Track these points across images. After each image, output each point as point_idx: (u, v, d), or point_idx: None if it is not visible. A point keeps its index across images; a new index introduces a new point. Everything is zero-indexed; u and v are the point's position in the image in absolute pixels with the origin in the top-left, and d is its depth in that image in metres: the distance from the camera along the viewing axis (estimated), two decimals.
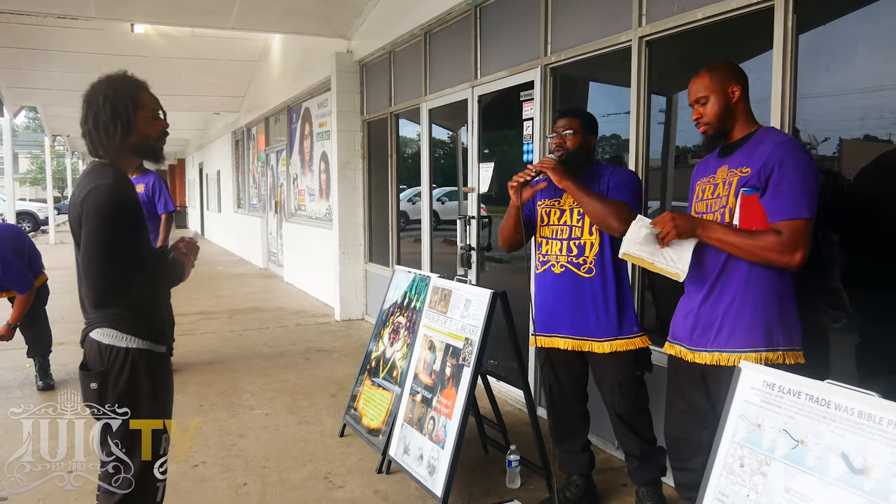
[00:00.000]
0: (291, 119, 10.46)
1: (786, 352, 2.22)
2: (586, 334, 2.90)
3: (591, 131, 3.00)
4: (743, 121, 2.35)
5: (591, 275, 2.87)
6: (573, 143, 2.93)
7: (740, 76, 2.36)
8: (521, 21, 4.65)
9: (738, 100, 2.33)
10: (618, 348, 2.86)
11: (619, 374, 2.89)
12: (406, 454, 3.37)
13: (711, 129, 2.36)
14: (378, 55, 7.15)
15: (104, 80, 2.17)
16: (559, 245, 2.94)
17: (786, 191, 2.16)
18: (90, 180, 2.09)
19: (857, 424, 1.61)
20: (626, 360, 2.88)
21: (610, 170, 2.97)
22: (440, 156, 6.52)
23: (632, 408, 2.92)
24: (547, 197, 3.03)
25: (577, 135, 2.93)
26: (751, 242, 2.19)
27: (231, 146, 15.82)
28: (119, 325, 2.13)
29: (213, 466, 3.70)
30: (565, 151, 2.92)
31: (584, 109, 3.10)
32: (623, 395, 2.90)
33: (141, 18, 8.21)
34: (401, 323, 3.90)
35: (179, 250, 2.31)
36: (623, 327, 2.87)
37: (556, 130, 2.99)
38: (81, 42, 9.41)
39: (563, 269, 2.92)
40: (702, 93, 2.34)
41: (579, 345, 2.92)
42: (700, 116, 2.37)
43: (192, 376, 5.43)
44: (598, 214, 2.76)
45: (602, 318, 2.88)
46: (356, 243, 7.81)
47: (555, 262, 2.95)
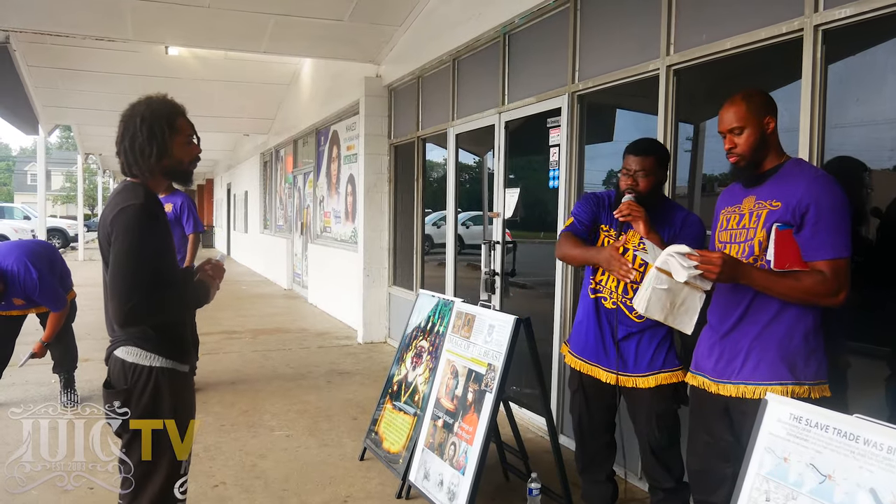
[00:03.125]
0: (319, 142, 10.59)
1: (812, 386, 2.19)
2: (631, 370, 2.87)
3: (664, 168, 2.86)
4: (774, 152, 2.31)
5: (641, 320, 2.83)
6: (645, 185, 2.77)
7: (774, 107, 2.32)
8: (549, 48, 4.68)
9: (772, 131, 2.30)
10: (661, 381, 2.83)
11: (659, 407, 2.86)
12: (426, 479, 3.34)
13: (744, 161, 2.31)
14: (407, 80, 7.24)
15: (144, 102, 2.22)
16: (617, 283, 2.87)
17: (824, 229, 2.13)
18: (121, 199, 2.13)
19: (886, 460, 1.58)
20: (666, 394, 2.85)
21: (682, 215, 2.85)
22: (466, 180, 6.54)
23: (667, 441, 2.88)
24: (613, 227, 2.92)
25: (649, 176, 2.78)
26: (796, 285, 2.16)
27: (259, 167, 16.05)
28: (144, 343, 2.16)
29: (233, 487, 3.71)
30: (637, 194, 2.76)
31: (657, 143, 2.93)
32: (660, 428, 2.86)
33: (176, 41, 8.39)
34: (424, 347, 3.90)
35: (205, 272, 2.32)
36: (666, 360, 2.84)
37: (627, 168, 2.82)
38: (116, 63, 9.63)
39: (615, 307, 2.89)
40: (736, 123, 2.28)
41: (623, 381, 2.88)
42: (733, 146, 2.31)
43: (214, 395, 5.46)
44: None
45: (648, 356, 2.85)
46: (381, 266, 7.84)
47: (608, 295, 2.91)
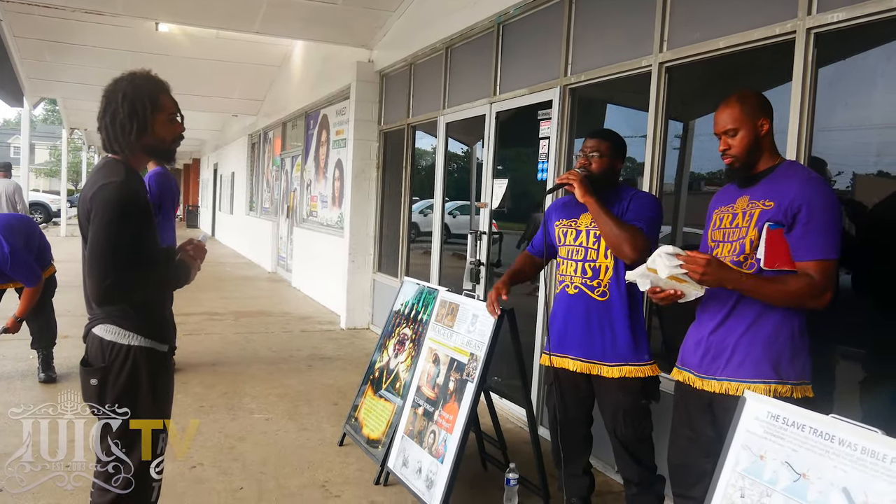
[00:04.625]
0: (309, 125, 10.53)
1: (795, 385, 2.21)
2: (595, 357, 2.86)
3: (619, 156, 2.94)
4: (768, 153, 2.32)
5: (604, 298, 2.84)
6: (598, 165, 2.87)
7: (769, 109, 2.33)
8: (542, 40, 4.67)
9: (766, 133, 2.30)
10: (626, 374, 2.81)
11: (625, 401, 2.84)
12: (405, 467, 3.35)
13: (738, 163, 2.31)
14: (399, 66, 7.20)
15: (126, 77, 2.19)
16: (574, 266, 2.91)
17: (815, 231, 2.15)
18: (101, 176, 2.11)
19: (859, 460, 1.60)
20: (633, 388, 2.83)
21: (632, 192, 2.91)
22: (454, 169, 6.54)
23: (634, 436, 2.86)
24: (564, 217, 3.01)
25: (603, 158, 2.87)
26: (783, 289, 2.17)
27: (247, 149, 15.93)
28: (122, 321, 2.14)
29: (211, 469, 3.70)
30: (589, 173, 2.85)
31: (614, 132, 3.04)
32: (627, 422, 2.85)
33: (167, 18, 8.29)
34: (406, 335, 3.90)
35: (186, 252, 2.30)
36: (634, 353, 2.82)
37: (583, 150, 2.94)
38: (105, 37, 9.49)
39: (577, 291, 2.90)
40: (731, 125, 2.29)
41: (588, 367, 2.88)
42: (727, 148, 2.32)
43: (194, 377, 5.44)
44: (612, 238, 2.72)
45: (612, 343, 2.83)
46: (366, 252, 7.83)
47: (569, 282, 2.92)
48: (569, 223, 2.98)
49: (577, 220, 2.94)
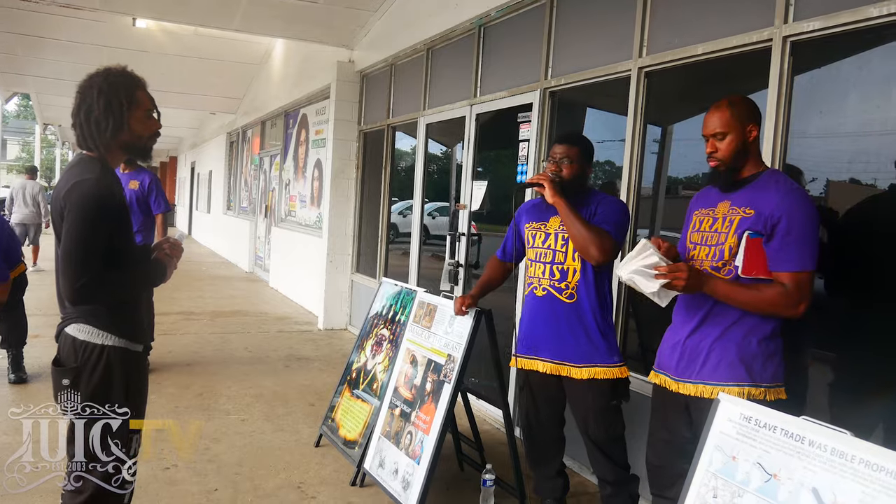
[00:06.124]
0: (288, 124, 10.47)
1: (769, 388, 2.25)
2: (564, 359, 2.88)
3: (588, 161, 2.97)
4: (753, 160, 2.34)
5: (572, 300, 2.86)
6: (569, 171, 2.89)
7: (758, 115, 2.35)
8: (523, 43, 4.69)
9: (754, 140, 2.32)
10: (595, 375, 2.83)
11: (595, 402, 2.86)
12: (381, 468, 3.35)
13: (724, 166, 2.33)
14: (379, 67, 7.19)
15: (102, 73, 2.16)
16: (542, 268, 2.93)
17: (793, 243, 2.18)
18: (76, 173, 2.07)
19: (829, 461, 1.63)
20: (602, 389, 2.85)
21: (600, 197, 2.94)
22: (434, 171, 6.54)
23: (606, 436, 2.89)
24: (534, 220, 3.03)
25: (573, 164, 2.89)
26: (758, 297, 2.21)
27: (225, 147, 15.79)
28: (96, 321, 2.11)
29: (185, 470, 3.66)
30: (561, 179, 2.87)
31: (582, 136, 3.06)
32: (597, 423, 2.87)
33: (145, 13, 8.19)
34: (384, 335, 3.89)
35: (163, 251, 2.28)
36: (603, 355, 2.84)
37: (552, 155, 2.95)
38: (80, 32, 9.34)
39: (545, 293, 2.92)
40: (720, 128, 2.31)
41: (557, 369, 2.90)
42: (714, 151, 2.33)
43: (169, 377, 5.37)
44: (579, 239, 2.75)
45: (581, 344, 2.85)
46: (344, 253, 7.80)
47: (537, 285, 2.94)
48: (538, 226, 3.00)
49: (546, 224, 2.96)
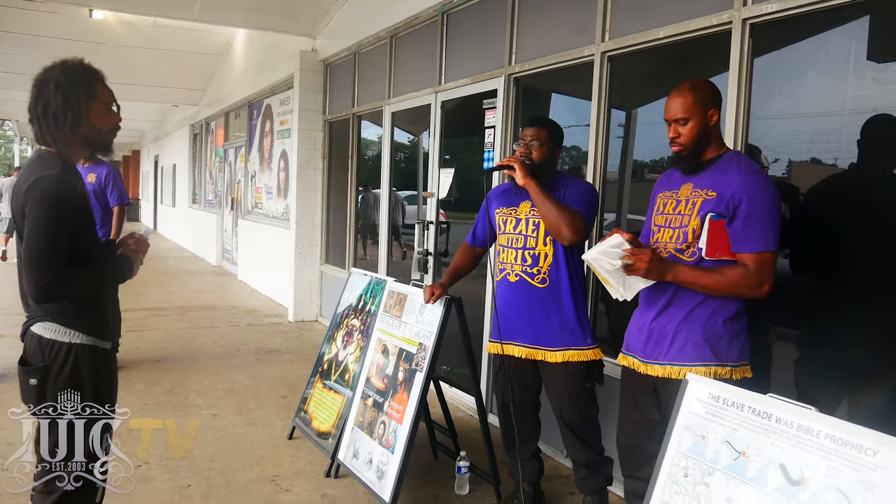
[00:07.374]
0: (252, 115, 10.32)
1: (734, 367, 2.29)
2: (538, 343, 2.91)
3: (557, 144, 2.99)
4: (715, 143, 2.37)
5: (544, 285, 2.89)
6: (539, 154, 2.92)
7: (719, 99, 2.37)
8: (487, 30, 4.68)
9: (715, 123, 2.35)
10: (570, 358, 2.86)
11: (570, 385, 2.90)
12: (355, 458, 3.34)
13: (686, 151, 2.35)
14: (343, 55, 7.12)
15: (58, 66, 2.11)
16: (514, 254, 2.94)
17: (755, 224, 2.20)
18: (35, 169, 2.03)
19: (795, 437, 1.66)
20: (577, 372, 2.88)
21: (569, 180, 2.97)
22: (401, 159, 6.51)
23: (580, 419, 2.93)
24: (504, 205, 3.04)
25: (543, 146, 2.92)
26: (721, 280, 2.24)
27: (189, 140, 15.54)
28: (62, 319, 2.07)
29: (157, 467, 3.62)
30: (531, 162, 2.90)
31: (552, 120, 3.09)
32: (572, 406, 2.91)
33: (101, 4, 8.01)
34: (355, 326, 3.88)
35: (128, 246, 2.25)
36: (576, 338, 2.88)
37: (522, 138, 2.97)
38: (36, 25, 9.09)
39: (518, 279, 2.93)
40: (681, 114, 2.32)
41: (532, 353, 2.93)
42: (677, 136, 2.35)
43: (138, 374, 5.30)
44: (551, 219, 2.76)
45: (554, 328, 2.88)
46: (313, 244, 7.74)
47: (510, 270, 2.96)
48: (508, 211, 3.01)
49: (516, 209, 2.98)
